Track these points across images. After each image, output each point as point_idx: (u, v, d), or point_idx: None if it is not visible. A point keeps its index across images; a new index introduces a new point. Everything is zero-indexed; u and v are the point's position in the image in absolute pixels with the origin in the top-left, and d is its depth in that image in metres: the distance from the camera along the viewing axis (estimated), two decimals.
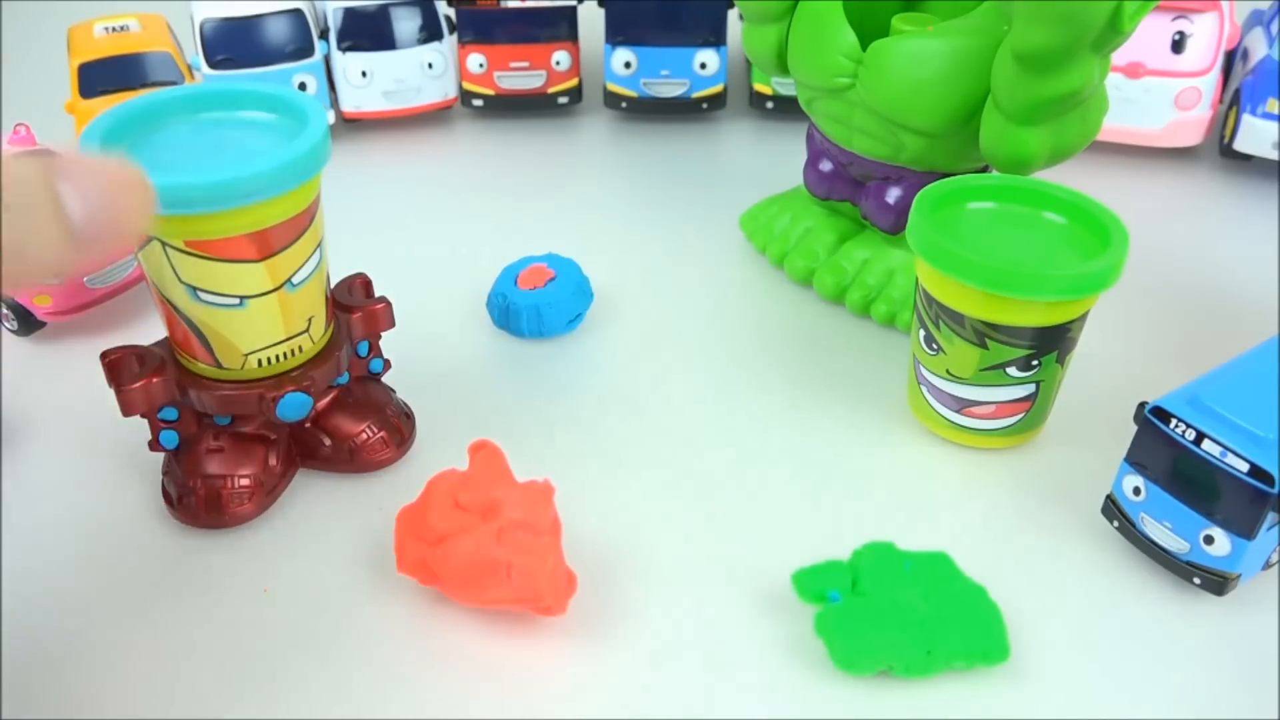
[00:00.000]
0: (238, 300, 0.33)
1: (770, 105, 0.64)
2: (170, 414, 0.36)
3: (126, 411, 0.35)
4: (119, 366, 0.36)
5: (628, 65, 0.63)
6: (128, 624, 0.34)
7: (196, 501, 0.36)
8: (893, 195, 0.46)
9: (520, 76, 0.64)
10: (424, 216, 0.56)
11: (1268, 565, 0.35)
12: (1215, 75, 0.58)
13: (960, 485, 0.40)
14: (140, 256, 0.33)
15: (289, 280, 0.34)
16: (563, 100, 0.65)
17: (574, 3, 0.63)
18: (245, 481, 0.37)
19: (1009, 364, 0.38)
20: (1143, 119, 0.59)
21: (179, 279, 0.33)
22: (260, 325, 0.34)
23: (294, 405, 0.36)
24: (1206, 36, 0.58)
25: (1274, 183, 0.59)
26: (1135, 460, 0.35)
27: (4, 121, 0.64)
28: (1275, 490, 0.31)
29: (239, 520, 0.37)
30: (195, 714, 0.32)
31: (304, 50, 0.61)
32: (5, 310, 0.45)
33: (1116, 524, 0.36)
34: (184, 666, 0.33)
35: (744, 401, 0.43)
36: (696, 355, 0.46)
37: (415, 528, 0.34)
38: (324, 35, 0.62)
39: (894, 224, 0.47)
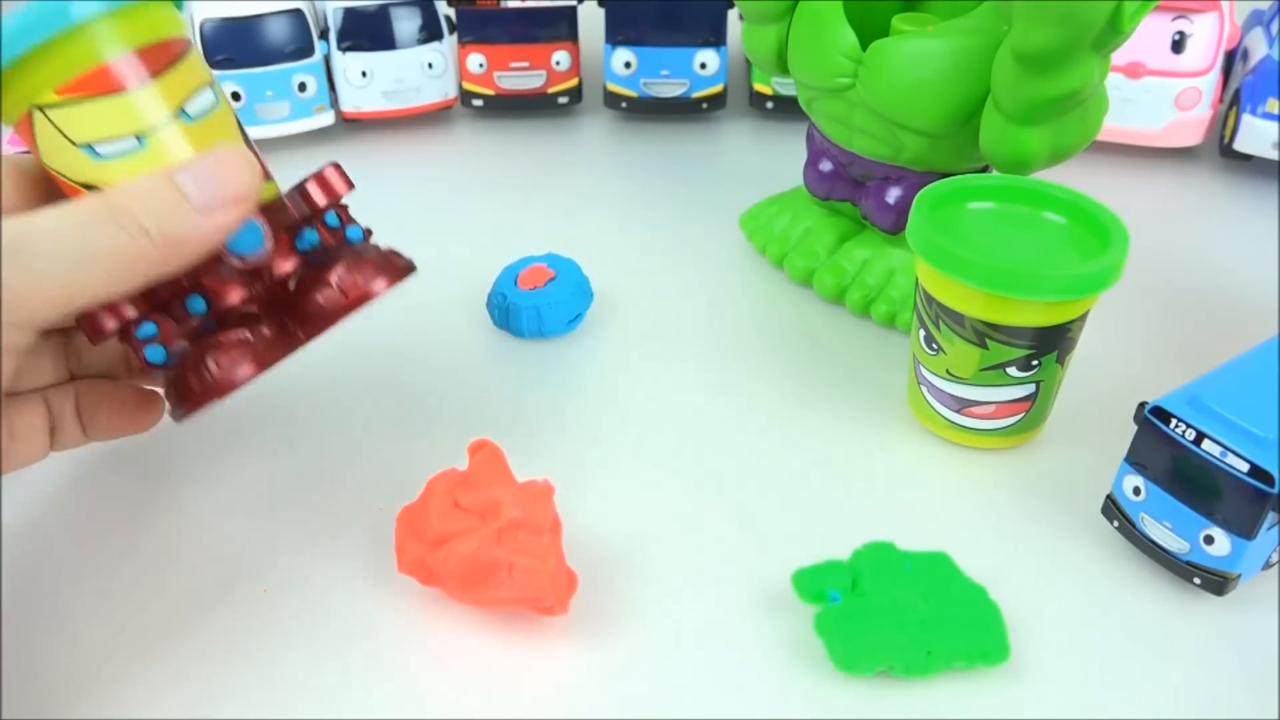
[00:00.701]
0: (136, 140, 0.32)
1: (770, 105, 0.64)
2: (150, 329, 0.33)
3: (96, 339, 0.32)
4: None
5: (628, 65, 0.63)
6: (126, 624, 0.34)
7: (189, 374, 0.33)
8: (893, 195, 0.46)
9: (520, 76, 0.64)
10: (424, 216, 0.56)
11: (1268, 565, 0.35)
12: (1215, 75, 0.58)
13: (960, 485, 0.40)
14: (34, 146, 0.32)
15: (182, 110, 0.33)
16: (563, 100, 0.65)
17: (574, 3, 0.63)
18: (237, 338, 0.33)
19: (1009, 364, 0.38)
20: (1143, 119, 0.59)
21: (72, 142, 0.32)
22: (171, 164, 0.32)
23: (246, 236, 0.33)
24: (1206, 36, 0.58)
25: (1274, 183, 0.59)
26: (1135, 460, 0.35)
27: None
28: (1275, 490, 0.31)
29: (241, 380, 0.33)
30: (194, 713, 0.32)
31: (304, 50, 0.61)
32: None
33: (1116, 524, 0.36)
34: (183, 666, 0.33)
35: (744, 401, 0.43)
36: (696, 355, 0.46)
37: (415, 528, 0.34)
38: (324, 35, 0.62)
39: (894, 224, 0.47)
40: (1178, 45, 0.58)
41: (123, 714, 0.31)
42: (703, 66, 0.62)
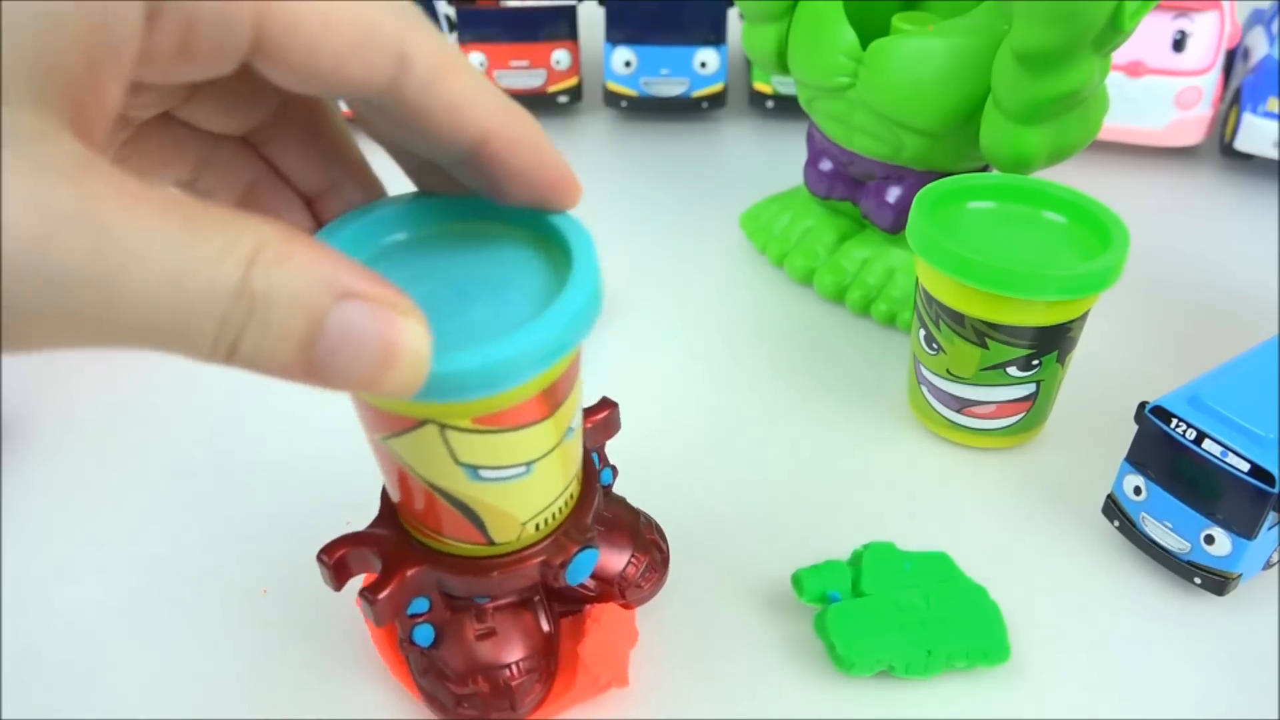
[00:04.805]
0: (524, 468, 0.27)
1: (770, 105, 0.64)
2: (421, 605, 0.30)
3: (381, 622, 0.28)
4: (345, 565, 0.29)
5: (628, 64, 0.62)
6: (125, 624, 0.34)
7: (483, 700, 0.30)
8: (893, 194, 0.46)
9: (520, 75, 0.64)
10: None
11: (1268, 565, 0.35)
12: (1216, 74, 0.58)
13: (960, 485, 0.40)
14: (382, 441, 0.26)
15: (569, 429, 0.28)
16: (562, 99, 0.65)
17: (574, 2, 0.63)
18: (529, 664, 0.30)
19: (1009, 364, 0.38)
20: (1143, 118, 0.59)
21: (457, 461, 0.26)
22: (542, 487, 0.28)
23: (584, 565, 0.29)
24: (1207, 35, 0.58)
25: (1274, 182, 0.59)
26: (1136, 460, 0.35)
27: None
28: (1276, 490, 0.31)
29: (531, 710, 0.31)
30: (195, 713, 0.32)
31: None
32: None
33: (1117, 524, 0.36)
34: (183, 666, 0.33)
35: (743, 401, 0.43)
36: (696, 355, 0.46)
37: None
38: None
39: (894, 223, 0.47)
40: (1178, 44, 0.58)
41: (124, 714, 0.31)
42: (703, 65, 0.62)
